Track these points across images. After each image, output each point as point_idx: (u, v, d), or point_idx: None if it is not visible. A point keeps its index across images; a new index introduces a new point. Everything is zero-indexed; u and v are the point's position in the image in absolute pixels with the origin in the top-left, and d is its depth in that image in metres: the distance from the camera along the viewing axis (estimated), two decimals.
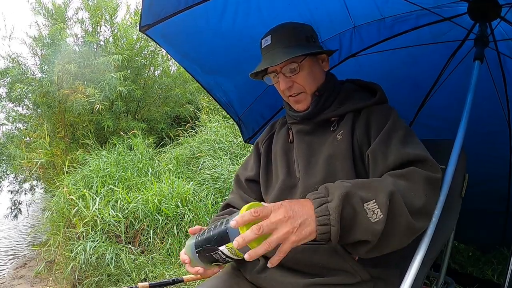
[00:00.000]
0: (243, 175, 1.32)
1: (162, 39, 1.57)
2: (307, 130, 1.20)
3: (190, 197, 3.23)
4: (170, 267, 2.73)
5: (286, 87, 1.13)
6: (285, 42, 1.13)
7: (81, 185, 3.49)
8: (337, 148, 1.11)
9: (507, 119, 1.80)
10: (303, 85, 1.14)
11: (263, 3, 1.45)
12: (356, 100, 1.17)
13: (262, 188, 1.25)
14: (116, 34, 5.21)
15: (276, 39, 1.14)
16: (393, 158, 0.99)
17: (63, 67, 4.35)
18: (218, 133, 4.30)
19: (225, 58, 1.68)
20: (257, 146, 1.34)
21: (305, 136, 1.20)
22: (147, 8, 1.40)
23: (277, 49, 1.12)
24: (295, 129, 1.23)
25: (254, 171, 1.29)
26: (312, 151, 1.16)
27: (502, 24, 1.48)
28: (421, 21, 1.60)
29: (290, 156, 1.21)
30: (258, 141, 1.36)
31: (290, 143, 1.23)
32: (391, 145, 1.02)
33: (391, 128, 1.06)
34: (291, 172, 1.18)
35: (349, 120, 1.14)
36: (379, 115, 1.11)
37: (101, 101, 4.35)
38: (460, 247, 2.61)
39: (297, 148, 1.19)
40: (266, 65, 1.12)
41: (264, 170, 1.27)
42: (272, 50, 1.13)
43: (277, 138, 1.30)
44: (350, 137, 1.11)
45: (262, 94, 1.87)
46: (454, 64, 1.71)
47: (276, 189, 1.17)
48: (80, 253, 2.79)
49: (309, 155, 1.16)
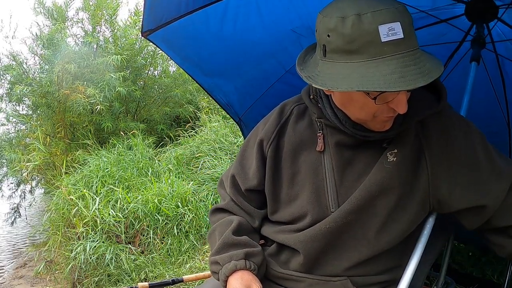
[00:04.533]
0: (242, 181, 1.06)
1: (164, 44, 1.59)
2: (351, 143, 0.90)
3: (190, 197, 3.24)
4: (170, 267, 2.74)
5: (406, 110, 0.79)
6: (415, 38, 0.76)
7: (81, 185, 3.49)
8: (386, 174, 0.85)
9: (507, 120, 1.80)
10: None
11: (263, 7, 1.46)
12: (418, 104, 0.86)
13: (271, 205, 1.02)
14: (115, 34, 5.21)
15: (409, 33, 0.73)
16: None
17: (63, 67, 4.35)
18: (218, 133, 4.30)
19: (225, 61, 1.69)
20: (260, 145, 1.02)
21: (346, 149, 0.91)
22: (148, 14, 1.42)
23: (416, 52, 0.74)
24: (334, 138, 0.92)
25: (257, 180, 1.02)
26: (354, 175, 0.90)
27: (499, 25, 1.49)
28: (418, 24, 1.61)
29: (320, 176, 0.93)
30: (262, 138, 1.02)
31: (320, 152, 0.94)
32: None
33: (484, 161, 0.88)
34: (321, 202, 0.93)
35: (409, 134, 0.87)
36: (462, 131, 0.87)
37: (101, 102, 4.35)
38: (460, 247, 2.61)
39: (336, 168, 0.91)
40: (422, 79, 0.71)
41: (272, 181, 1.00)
42: (408, 50, 0.73)
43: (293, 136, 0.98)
44: (410, 159, 0.86)
45: (262, 95, 1.88)
46: (452, 66, 1.72)
47: (315, 230, 0.92)
48: (80, 253, 2.80)
49: (352, 182, 0.89)
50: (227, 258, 0.95)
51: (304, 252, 0.94)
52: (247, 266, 0.94)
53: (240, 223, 1.03)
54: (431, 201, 0.91)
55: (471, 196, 0.89)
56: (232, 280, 0.93)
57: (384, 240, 0.92)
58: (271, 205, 1.02)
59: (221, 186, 1.15)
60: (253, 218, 1.06)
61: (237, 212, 1.07)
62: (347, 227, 0.91)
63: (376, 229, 0.91)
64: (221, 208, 1.09)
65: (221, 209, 1.10)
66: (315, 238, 0.93)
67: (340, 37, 0.74)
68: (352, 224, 0.91)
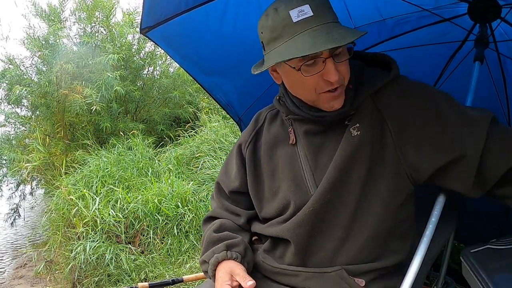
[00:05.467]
0: (225, 184, 1.13)
1: (163, 41, 1.58)
2: (319, 129, 0.97)
3: (190, 197, 3.23)
4: (170, 267, 2.73)
5: (337, 78, 0.85)
6: (331, 15, 0.87)
7: (81, 185, 3.49)
8: (352, 148, 0.91)
9: (507, 119, 1.80)
10: (345, 77, 0.89)
11: (264, 5, 1.45)
12: (369, 79, 0.94)
13: (256, 203, 1.07)
14: (113, 34, 5.21)
15: (319, 11, 0.84)
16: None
17: (61, 67, 4.35)
18: (218, 133, 4.30)
19: (225, 59, 1.68)
20: (239, 149, 1.12)
21: (316, 137, 0.98)
22: (147, 11, 1.40)
23: (328, 25, 0.84)
24: (302, 129, 0.99)
25: (239, 182, 1.09)
26: (325, 156, 0.95)
27: (503, 25, 1.48)
28: (421, 22, 1.60)
29: (296, 164, 1.00)
30: (240, 143, 1.12)
31: (292, 145, 1.01)
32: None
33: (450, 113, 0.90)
34: (301, 188, 0.98)
35: (367, 107, 0.93)
36: (412, 91, 0.92)
37: (98, 102, 4.34)
38: (460, 247, 2.61)
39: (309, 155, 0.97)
40: (330, 43, 0.79)
41: (253, 181, 1.06)
42: (318, 24, 0.83)
43: (268, 136, 1.07)
44: (372, 130, 0.91)
45: (262, 95, 1.87)
46: (455, 65, 1.71)
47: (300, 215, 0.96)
48: (80, 253, 2.79)
49: (322, 163, 0.95)
50: (210, 254, 1.00)
51: (293, 240, 0.97)
52: (228, 256, 0.98)
53: (222, 223, 1.08)
54: (406, 170, 0.92)
55: (442, 151, 0.89)
56: (217, 272, 0.97)
57: (367, 212, 0.93)
58: (257, 204, 1.07)
59: (212, 198, 1.22)
60: (239, 216, 1.11)
61: (223, 215, 1.12)
62: (328, 206, 0.94)
63: (355, 202, 0.93)
64: (210, 216, 1.15)
65: (210, 217, 1.15)
66: (301, 223, 0.96)
67: (266, 30, 0.90)
68: (332, 202, 0.94)
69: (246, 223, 1.11)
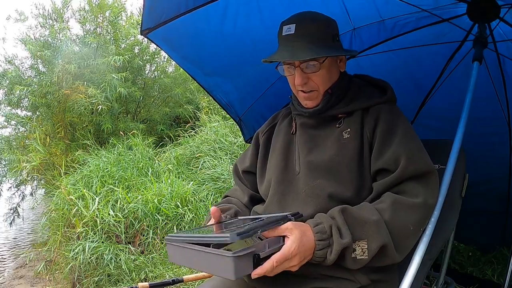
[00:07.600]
0: (240, 165, 1.33)
1: (163, 42, 1.58)
2: (312, 123, 1.17)
3: (190, 197, 3.23)
4: (170, 267, 2.73)
5: (301, 83, 1.09)
6: (311, 37, 1.06)
7: (81, 185, 3.49)
8: (344, 148, 1.09)
9: (507, 119, 1.80)
10: (318, 84, 1.10)
11: (263, 6, 1.46)
12: (365, 97, 1.14)
13: (258, 179, 1.25)
14: (117, 34, 5.21)
15: (301, 31, 1.06)
16: (392, 161, 1.02)
17: (63, 67, 4.35)
18: (218, 133, 4.30)
19: (225, 60, 1.68)
20: (257, 137, 1.33)
21: (309, 129, 1.17)
22: (148, 12, 1.41)
23: (301, 43, 1.05)
24: (299, 121, 1.20)
25: (250, 162, 1.29)
26: (314, 145, 1.14)
27: (502, 25, 1.48)
28: (420, 23, 1.61)
29: (291, 148, 1.19)
30: (258, 132, 1.34)
31: (292, 134, 1.21)
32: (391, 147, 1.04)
33: (399, 133, 1.06)
34: (290, 165, 1.16)
35: (357, 118, 1.11)
36: (388, 115, 1.09)
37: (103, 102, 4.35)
38: (460, 247, 2.62)
39: (299, 141, 1.17)
40: (287, 57, 1.06)
41: (261, 161, 1.25)
42: (294, 41, 1.06)
43: (279, 129, 1.27)
44: (359, 136, 1.09)
45: (262, 95, 1.87)
46: (454, 65, 1.71)
47: (274, 181, 1.15)
48: (80, 253, 2.79)
49: (311, 149, 1.14)
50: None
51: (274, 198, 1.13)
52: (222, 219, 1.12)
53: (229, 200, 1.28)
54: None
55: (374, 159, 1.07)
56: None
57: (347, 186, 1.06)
58: (259, 182, 1.24)
59: None
60: (244, 194, 1.28)
61: (233, 192, 1.31)
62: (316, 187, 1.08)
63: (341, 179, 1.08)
64: (225, 195, 1.34)
65: (225, 196, 1.33)
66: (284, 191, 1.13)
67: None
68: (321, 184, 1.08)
69: (249, 201, 1.26)
